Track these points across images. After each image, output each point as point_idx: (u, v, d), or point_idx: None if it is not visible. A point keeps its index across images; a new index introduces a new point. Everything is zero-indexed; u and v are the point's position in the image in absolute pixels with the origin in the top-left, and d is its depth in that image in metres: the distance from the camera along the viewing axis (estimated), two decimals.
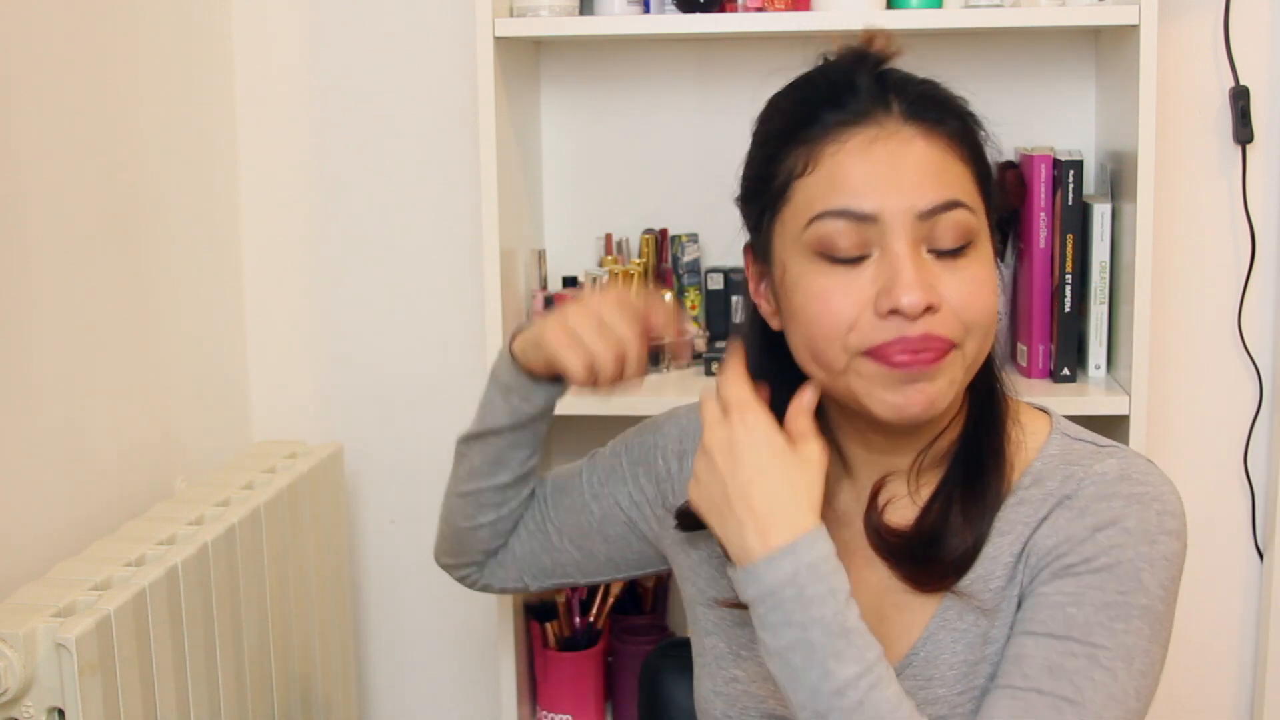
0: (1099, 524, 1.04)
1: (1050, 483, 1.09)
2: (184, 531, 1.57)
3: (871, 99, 1.04)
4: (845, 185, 1.02)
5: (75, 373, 1.60)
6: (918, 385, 1.02)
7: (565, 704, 1.91)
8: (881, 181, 1.01)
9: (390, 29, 2.02)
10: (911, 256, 1.01)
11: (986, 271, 1.05)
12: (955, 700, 1.08)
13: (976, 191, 1.06)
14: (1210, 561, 1.99)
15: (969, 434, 1.12)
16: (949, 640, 1.09)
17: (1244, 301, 1.94)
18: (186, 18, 1.90)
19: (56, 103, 1.57)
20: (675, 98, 1.99)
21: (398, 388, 2.10)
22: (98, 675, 1.31)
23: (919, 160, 1.02)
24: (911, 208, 1.01)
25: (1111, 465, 1.07)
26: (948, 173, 1.03)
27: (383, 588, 2.15)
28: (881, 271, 1.02)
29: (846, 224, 1.02)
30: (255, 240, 2.07)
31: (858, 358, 1.03)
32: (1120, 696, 0.99)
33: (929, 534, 1.10)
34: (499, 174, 1.76)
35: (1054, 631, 1.01)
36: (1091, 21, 1.73)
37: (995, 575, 1.09)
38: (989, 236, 1.07)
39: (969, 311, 1.03)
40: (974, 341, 1.04)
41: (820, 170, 1.03)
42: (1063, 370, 1.81)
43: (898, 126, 1.03)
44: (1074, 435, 1.13)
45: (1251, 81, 1.89)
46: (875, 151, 1.02)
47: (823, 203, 1.03)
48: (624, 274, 1.88)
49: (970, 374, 1.07)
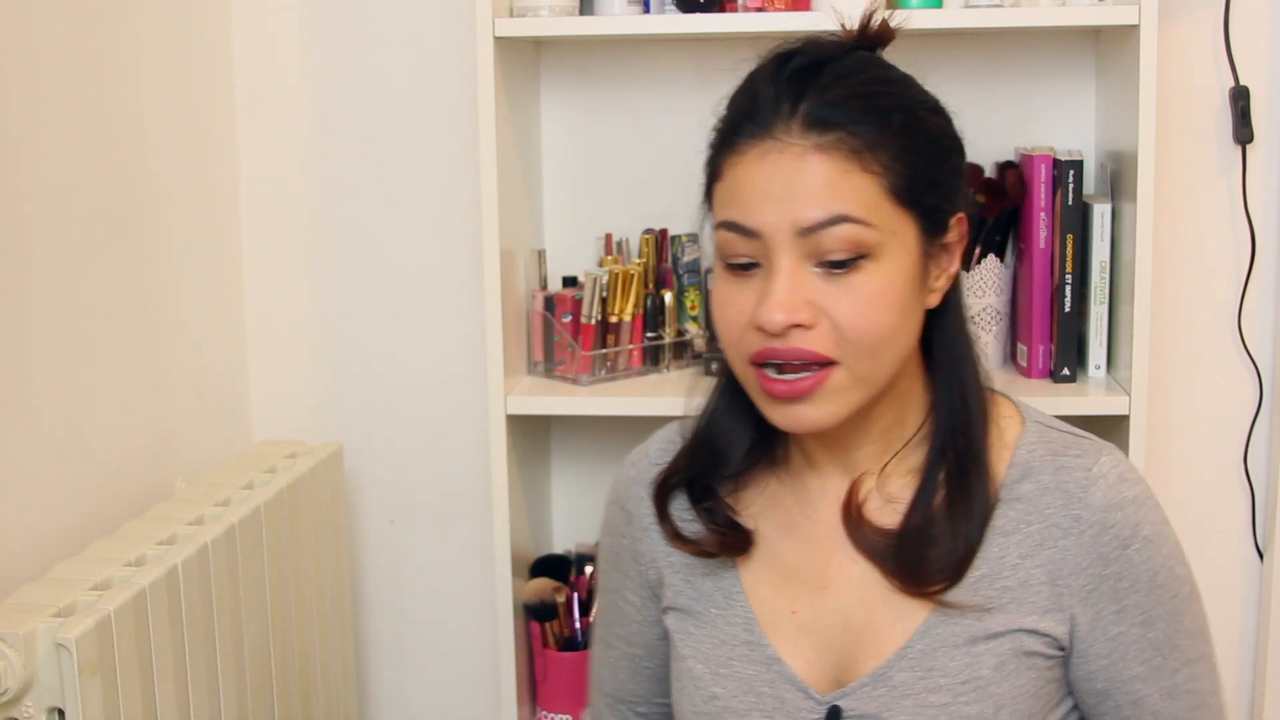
0: (1124, 539, 1.09)
1: (1043, 476, 1.11)
2: (184, 531, 1.57)
3: (773, 111, 1.04)
4: (737, 198, 1.05)
5: (75, 373, 1.60)
6: (795, 409, 1.05)
7: (565, 704, 1.91)
8: (766, 197, 1.03)
9: (390, 29, 2.02)
10: (790, 272, 1.03)
11: (883, 283, 1.03)
12: (958, 689, 1.08)
13: (886, 201, 1.03)
14: (1210, 561, 1.99)
15: (943, 432, 1.12)
16: (949, 633, 1.09)
17: (1244, 301, 1.94)
18: (186, 18, 1.90)
19: (56, 103, 1.57)
20: (675, 98, 1.99)
21: (398, 388, 2.10)
22: (98, 675, 1.31)
23: (807, 174, 1.02)
24: (793, 224, 1.02)
25: (1106, 465, 1.11)
26: (840, 186, 1.02)
27: (383, 588, 2.15)
28: (764, 285, 1.04)
29: (735, 237, 1.05)
30: (255, 240, 2.07)
31: (748, 367, 1.07)
32: (1214, 663, 1.14)
33: (914, 542, 1.10)
34: (499, 174, 1.76)
35: (1150, 663, 1.10)
36: (1091, 21, 1.73)
37: (1003, 575, 1.10)
38: (907, 241, 1.05)
39: (851, 329, 1.03)
40: (863, 359, 1.04)
41: (725, 179, 1.07)
42: (1063, 370, 1.81)
43: (794, 139, 1.03)
44: (1046, 423, 1.16)
45: (1251, 81, 1.89)
46: (766, 166, 1.04)
47: (722, 212, 1.07)
48: (624, 274, 1.88)
49: (869, 389, 1.06)
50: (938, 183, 1.07)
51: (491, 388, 1.79)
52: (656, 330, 1.92)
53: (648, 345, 1.91)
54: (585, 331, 1.86)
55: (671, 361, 1.93)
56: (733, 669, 1.15)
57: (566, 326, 1.87)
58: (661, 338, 1.92)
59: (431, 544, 2.12)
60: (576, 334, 1.87)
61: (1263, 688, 1.99)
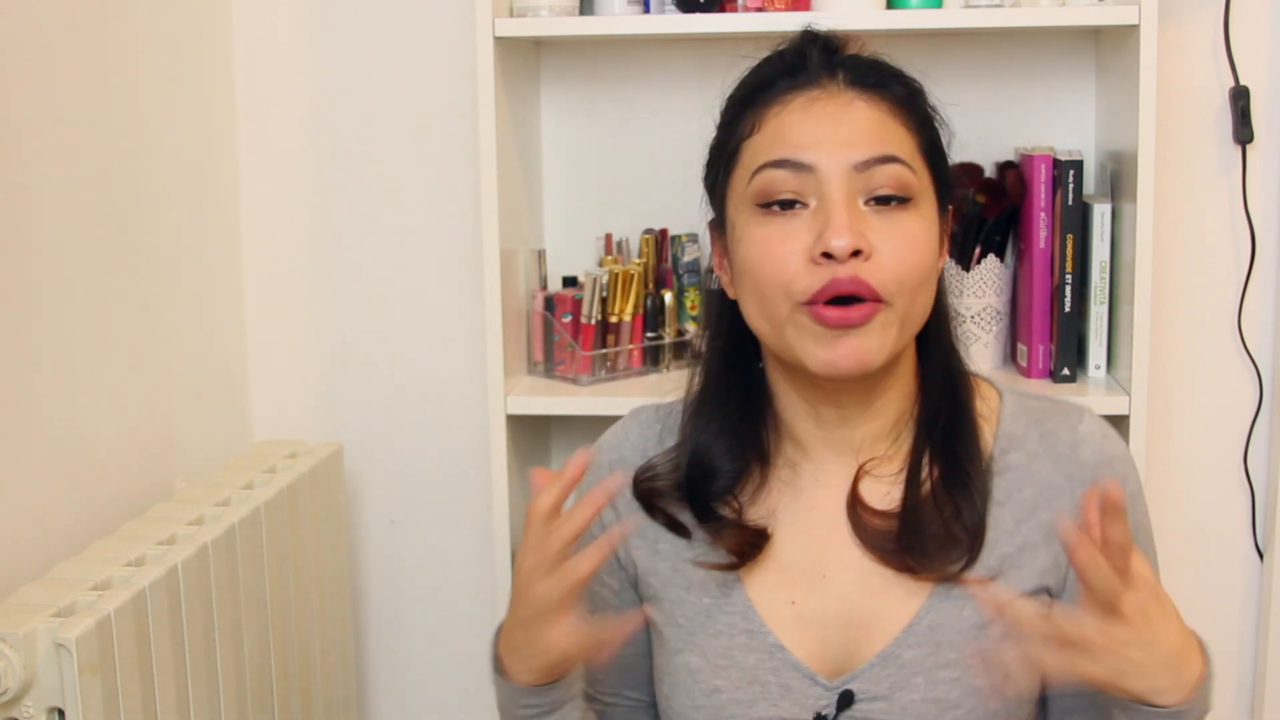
0: None
1: (1029, 444, 1.14)
2: (184, 531, 1.57)
3: (818, 69, 1.10)
4: (786, 139, 1.08)
5: (75, 373, 1.60)
6: (847, 340, 1.05)
7: None
8: (820, 135, 1.07)
9: (390, 29, 2.02)
10: (845, 204, 1.05)
11: (923, 229, 1.08)
12: (966, 664, 1.09)
13: (919, 155, 1.10)
14: (1210, 561, 1.99)
15: (933, 412, 1.14)
16: (954, 608, 1.10)
17: (1244, 301, 1.94)
18: (186, 18, 1.90)
19: (56, 102, 1.57)
20: (675, 98, 1.99)
21: (398, 388, 2.10)
22: (98, 675, 1.31)
23: (858, 117, 1.08)
24: (847, 159, 1.06)
25: (1090, 425, 1.16)
26: (887, 131, 1.08)
27: (383, 588, 2.15)
28: (818, 220, 1.06)
29: (785, 174, 1.07)
30: (255, 240, 2.07)
31: (796, 310, 1.06)
32: None
33: (916, 527, 1.11)
34: (499, 174, 1.76)
35: None
36: (1091, 21, 1.73)
37: (1000, 544, 1.11)
38: (933, 201, 1.10)
39: (900, 264, 1.05)
40: (904, 299, 1.06)
41: (765, 129, 1.10)
42: (1063, 370, 1.81)
43: (840, 90, 1.09)
44: (1021, 393, 1.19)
45: (1251, 81, 1.89)
46: (815, 109, 1.08)
47: (765, 155, 1.08)
48: (624, 274, 1.88)
49: (905, 334, 1.09)
50: (944, 156, 1.13)
51: (491, 388, 1.79)
52: (656, 330, 1.92)
53: (648, 345, 1.91)
54: (585, 331, 1.86)
55: (671, 361, 1.93)
56: (733, 659, 1.14)
57: (566, 326, 1.87)
58: (661, 338, 1.92)
59: (431, 544, 2.12)
60: (576, 334, 1.87)
61: (1263, 688, 1.99)
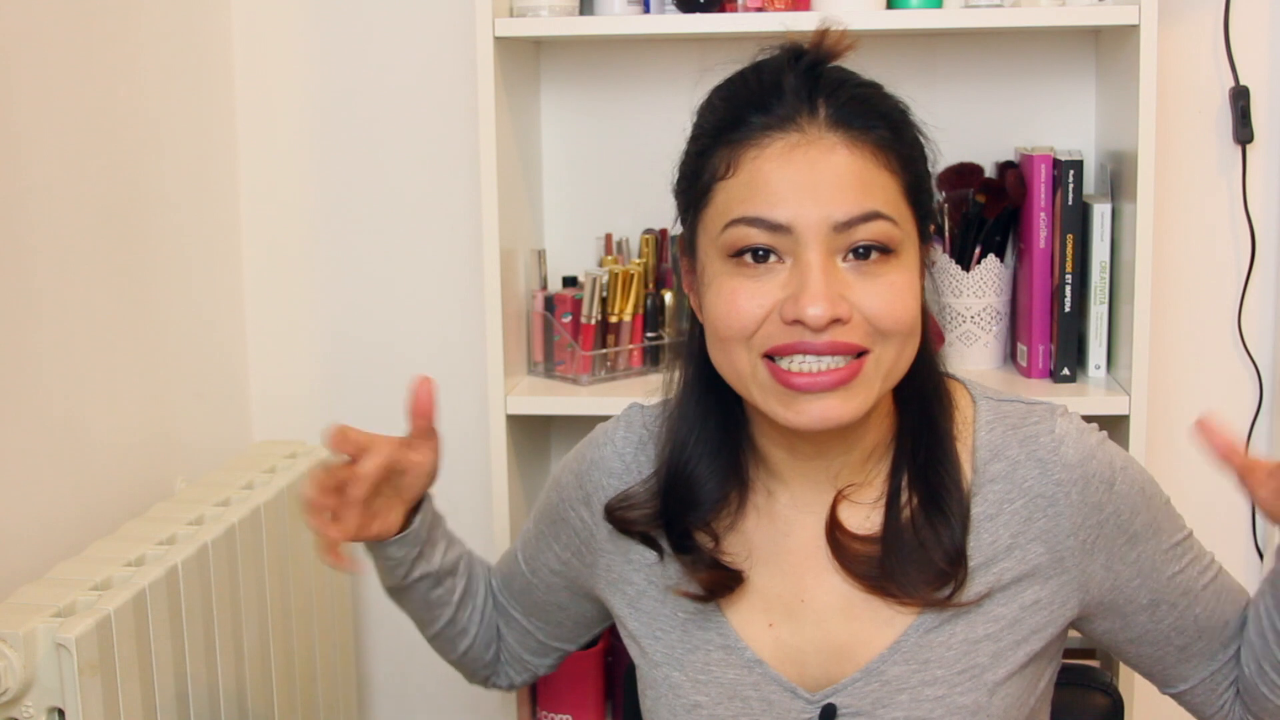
0: (1107, 479, 1.11)
1: (1010, 451, 1.11)
2: (184, 531, 1.57)
3: (797, 103, 1.02)
4: (762, 192, 1.01)
5: (75, 372, 1.60)
6: (822, 402, 1.02)
7: (565, 704, 1.91)
8: (798, 190, 1.00)
9: (390, 29, 2.02)
10: (823, 267, 1.00)
11: (905, 279, 1.03)
12: (954, 680, 1.08)
13: (903, 202, 1.04)
14: None
15: (910, 442, 1.11)
16: (944, 628, 1.09)
17: (1244, 301, 1.94)
18: (187, 17, 1.90)
19: (57, 102, 1.57)
20: (675, 98, 1.97)
21: (398, 388, 2.09)
22: (98, 675, 1.31)
23: (839, 169, 1.01)
24: (827, 218, 1.00)
25: (1064, 424, 1.12)
26: (869, 183, 1.02)
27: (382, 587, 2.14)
28: (793, 278, 1.01)
29: (760, 231, 1.01)
30: (255, 240, 2.07)
31: (759, 362, 1.03)
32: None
33: (896, 555, 1.09)
34: (499, 174, 1.76)
35: (1175, 555, 1.16)
36: (1091, 21, 1.73)
37: (998, 560, 1.10)
38: (915, 247, 1.06)
39: (884, 320, 1.02)
40: (890, 349, 1.03)
41: (740, 174, 1.03)
42: (1063, 370, 1.81)
43: (821, 133, 1.01)
44: (995, 396, 1.16)
45: (1251, 81, 1.89)
46: (795, 159, 1.01)
47: (740, 208, 1.02)
48: (624, 274, 1.88)
49: (890, 382, 1.05)
50: (927, 188, 1.08)
51: (491, 388, 1.79)
52: (656, 330, 1.92)
53: (648, 345, 1.91)
54: (585, 331, 1.86)
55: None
56: (712, 675, 1.13)
57: (566, 326, 1.87)
58: (661, 338, 1.92)
59: None
60: (576, 334, 1.87)
61: None
